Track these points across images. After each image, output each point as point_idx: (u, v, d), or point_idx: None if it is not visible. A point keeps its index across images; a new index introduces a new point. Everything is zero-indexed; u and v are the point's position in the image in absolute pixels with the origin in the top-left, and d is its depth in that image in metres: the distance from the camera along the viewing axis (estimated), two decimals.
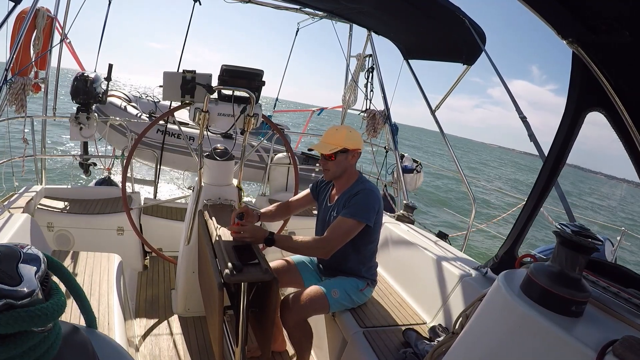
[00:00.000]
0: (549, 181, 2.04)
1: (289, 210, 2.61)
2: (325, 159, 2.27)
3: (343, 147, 2.23)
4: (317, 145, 2.28)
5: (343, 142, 2.23)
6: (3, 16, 2.72)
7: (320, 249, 2.14)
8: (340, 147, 2.22)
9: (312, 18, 5.27)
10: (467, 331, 1.38)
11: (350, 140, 2.25)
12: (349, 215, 2.14)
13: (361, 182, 2.31)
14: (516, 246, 2.21)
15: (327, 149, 2.22)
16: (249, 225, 2.11)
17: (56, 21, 3.92)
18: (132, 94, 7.49)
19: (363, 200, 2.17)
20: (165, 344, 2.64)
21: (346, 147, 2.23)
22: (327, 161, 2.27)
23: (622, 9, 1.40)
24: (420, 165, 5.55)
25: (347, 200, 2.23)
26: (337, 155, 2.24)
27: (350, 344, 2.22)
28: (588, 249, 1.16)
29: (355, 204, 2.17)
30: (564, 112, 1.93)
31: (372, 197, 2.21)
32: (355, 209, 2.15)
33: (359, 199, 2.18)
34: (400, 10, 3.54)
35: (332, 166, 2.27)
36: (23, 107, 3.44)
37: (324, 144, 2.26)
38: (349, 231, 2.14)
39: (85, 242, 3.36)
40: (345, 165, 2.28)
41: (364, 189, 2.22)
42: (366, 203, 2.17)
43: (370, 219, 2.17)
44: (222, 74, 2.50)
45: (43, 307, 0.74)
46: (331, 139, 2.26)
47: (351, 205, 2.17)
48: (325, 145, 2.25)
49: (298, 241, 2.12)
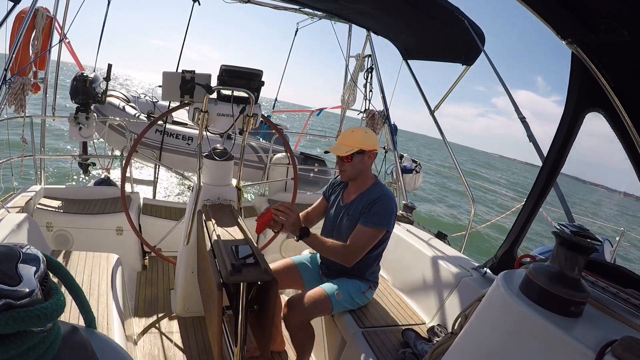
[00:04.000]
0: (548, 182, 2.04)
1: (310, 222, 2.58)
2: (341, 160, 2.26)
3: (359, 148, 2.21)
4: (333, 147, 2.26)
5: (359, 143, 2.21)
6: (2, 16, 2.72)
7: (345, 256, 2.18)
8: (356, 148, 2.21)
9: (311, 18, 5.27)
10: (466, 331, 1.39)
11: (366, 141, 2.23)
12: (371, 224, 2.17)
13: (379, 187, 2.31)
14: (515, 246, 2.21)
15: (344, 150, 2.21)
16: (295, 214, 2.11)
17: (55, 21, 3.91)
18: (130, 94, 7.48)
19: (384, 207, 2.19)
20: (164, 344, 2.64)
21: (362, 148, 2.22)
22: (344, 163, 2.26)
23: (621, 9, 1.40)
24: (419, 165, 5.55)
25: (366, 206, 2.22)
26: (354, 156, 2.22)
27: (350, 344, 2.22)
28: (587, 249, 1.16)
29: (377, 212, 2.18)
30: (563, 113, 1.93)
31: (392, 204, 2.24)
32: (378, 217, 2.18)
33: (380, 206, 2.19)
34: (399, 10, 3.54)
35: (348, 168, 2.26)
36: (22, 107, 3.43)
37: (340, 145, 2.24)
38: (372, 239, 2.20)
39: (85, 242, 3.35)
40: (361, 166, 2.27)
41: (383, 195, 2.22)
42: (387, 211, 2.20)
43: (390, 225, 2.23)
44: (221, 74, 2.50)
45: (42, 307, 0.74)
46: (347, 141, 2.24)
47: (373, 214, 2.18)
48: (341, 147, 2.23)
49: (326, 244, 2.18)
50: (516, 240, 2.18)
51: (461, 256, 2.77)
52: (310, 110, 8.20)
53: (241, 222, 2.44)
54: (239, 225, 2.40)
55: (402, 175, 4.61)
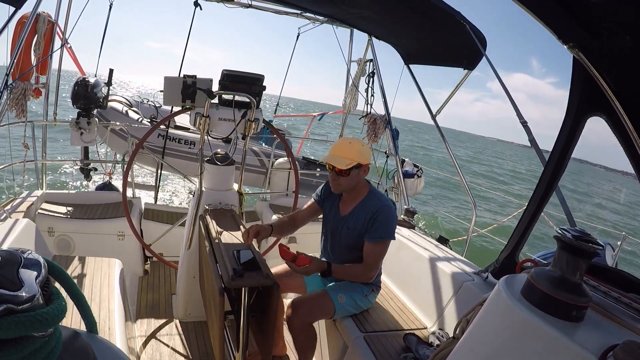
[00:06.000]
0: (550, 186, 2.04)
1: (296, 224, 2.53)
2: (336, 173, 2.20)
3: (357, 163, 2.18)
4: (332, 159, 2.19)
5: (357, 157, 2.18)
6: (4, 21, 2.73)
7: (366, 275, 2.28)
8: (355, 162, 2.17)
9: (312, 23, 5.29)
10: (468, 336, 1.38)
11: (363, 155, 2.21)
12: (379, 238, 2.21)
13: (376, 196, 2.30)
14: (517, 251, 2.20)
15: (344, 164, 2.15)
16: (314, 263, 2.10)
17: (57, 26, 3.93)
18: (133, 99, 7.51)
19: (386, 219, 2.21)
20: (165, 349, 2.63)
21: (360, 162, 2.19)
22: (339, 176, 2.21)
23: (623, 14, 1.41)
24: (421, 170, 5.54)
25: (369, 221, 2.22)
26: (351, 171, 2.19)
27: (351, 349, 2.21)
28: (589, 253, 1.16)
29: (382, 226, 2.20)
30: (565, 117, 1.93)
31: (392, 212, 2.26)
32: (383, 230, 2.21)
33: (383, 218, 2.20)
34: (400, 15, 3.55)
35: (344, 181, 2.22)
36: (23, 112, 3.45)
37: (339, 158, 2.18)
38: (384, 251, 2.27)
39: (86, 247, 3.35)
40: (357, 180, 2.25)
41: (383, 207, 2.22)
42: (390, 221, 2.23)
43: (394, 233, 2.26)
44: (222, 78, 2.51)
45: (44, 312, 0.74)
46: (345, 153, 2.19)
47: (377, 228, 2.20)
48: (340, 159, 2.17)
49: (347, 272, 2.26)
50: (518, 245, 2.18)
51: (463, 260, 2.76)
52: (313, 115, 8.21)
53: (243, 227, 2.44)
54: (240, 230, 2.40)
55: (403, 179, 4.61)
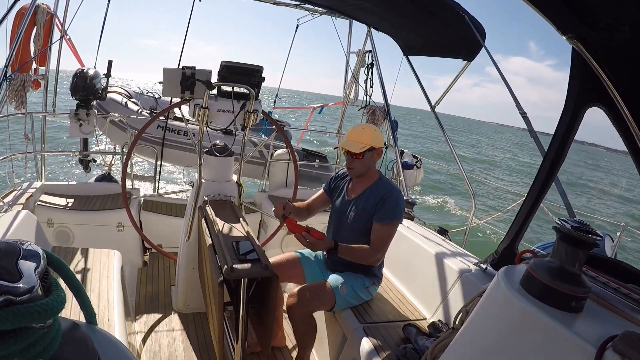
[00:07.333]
0: (549, 176, 2.03)
1: (310, 212, 2.62)
2: (351, 157, 2.30)
3: (371, 146, 2.26)
4: (347, 144, 2.28)
5: (370, 141, 2.26)
6: (3, 12, 2.71)
7: (373, 257, 2.25)
8: (368, 145, 2.25)
9: (311, 14, 5.25)
10: (467, 327, 1.39)
11: (376, 138, 2.30)
12: (388, 219, 2.25)
13: (385, 182, 2.38)
14: (516, 242, 2.21)
15: (357, 147, 2.24)
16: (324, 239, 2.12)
17: (56, 17, 3.90)
18: (132, 90, 7.48)
19: (395, 202, 2.26)
20: (165, 340, 2.65)
21: (373, 145, 2.27)
22: (354, 160, 2.30)
23: (622, 5, 1.40)
24: (420, 160, 5.54)
25: (378, 203, 2.27)
26: (365, 154, 2.27)
27: (350, 340, 2.22)
28: (588, 244, 1.16)
29: (391, 207, 2.25)
30: (564, 108, 1.92)
31: (401, 196, 2.31)
32: (392, 212, 2.25)
33: (392, 201, 2.26)
34: (399, 6, 3.53)
35: (357, 164, 2.30)
36: (23, 104, 3.43)
37: (352, 142, 2.27)
38: (392, 233, 2.29)
39: (85, 238, 3.36)
40: (370, 163, 2.33)
41: (392, 190, 2.29)
42: (399, 204, 2.28)
43: (402, 216, 2.31)
44: (221, 70, 2.50)
45: (43, 304, 0.74)
46: (359, 137, 2.28)
47: (387, 209, 2.25)
48: (354, 143, 2.26)
49: (353, 252, 2.22)
50: (517, 236, 2.18)
51: (462, 252, 2.77)
52: (312, 107, 8.17)
53: (242, 218, 2.44)
54: (239, 221, 2.40)
55: (402, 171, 4.61)
